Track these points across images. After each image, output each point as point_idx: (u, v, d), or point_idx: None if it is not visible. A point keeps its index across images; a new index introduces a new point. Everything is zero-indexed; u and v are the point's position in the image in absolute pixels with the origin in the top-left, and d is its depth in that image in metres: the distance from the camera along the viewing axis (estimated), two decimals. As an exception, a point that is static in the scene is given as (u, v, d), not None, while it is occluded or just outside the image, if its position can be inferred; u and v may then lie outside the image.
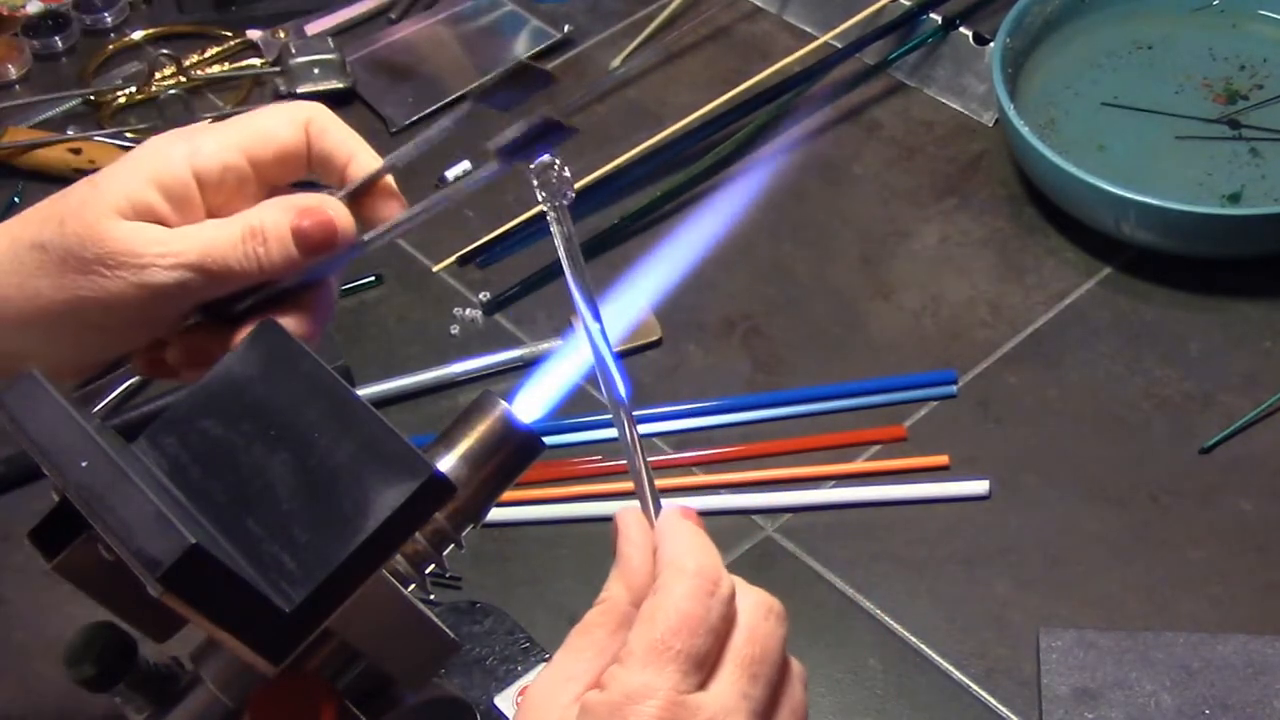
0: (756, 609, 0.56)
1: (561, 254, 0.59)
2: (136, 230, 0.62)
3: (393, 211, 0.66)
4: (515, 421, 0.61)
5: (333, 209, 0.64)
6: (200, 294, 0.63)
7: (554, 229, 0.59)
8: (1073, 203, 1.04)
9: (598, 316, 0.59)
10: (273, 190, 0.65)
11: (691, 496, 0.93)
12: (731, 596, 0.55)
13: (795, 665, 0.58)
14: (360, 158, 0.65)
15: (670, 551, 0.56)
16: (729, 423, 0.97)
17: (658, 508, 0.58)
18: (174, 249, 0.62)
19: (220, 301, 0.65)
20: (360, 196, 0.66)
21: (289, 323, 0.64)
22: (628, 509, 0.58)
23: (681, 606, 0.53)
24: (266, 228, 0.63)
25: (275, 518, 0.56)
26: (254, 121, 0.65)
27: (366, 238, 0.65)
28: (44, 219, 0.64)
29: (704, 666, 0.54)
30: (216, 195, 0.64)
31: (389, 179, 0.66)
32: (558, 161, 0.59)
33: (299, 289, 0.65)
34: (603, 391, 0.59)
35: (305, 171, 0.65)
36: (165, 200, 0.63)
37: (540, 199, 0.59)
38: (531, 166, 0.59)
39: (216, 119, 0.69)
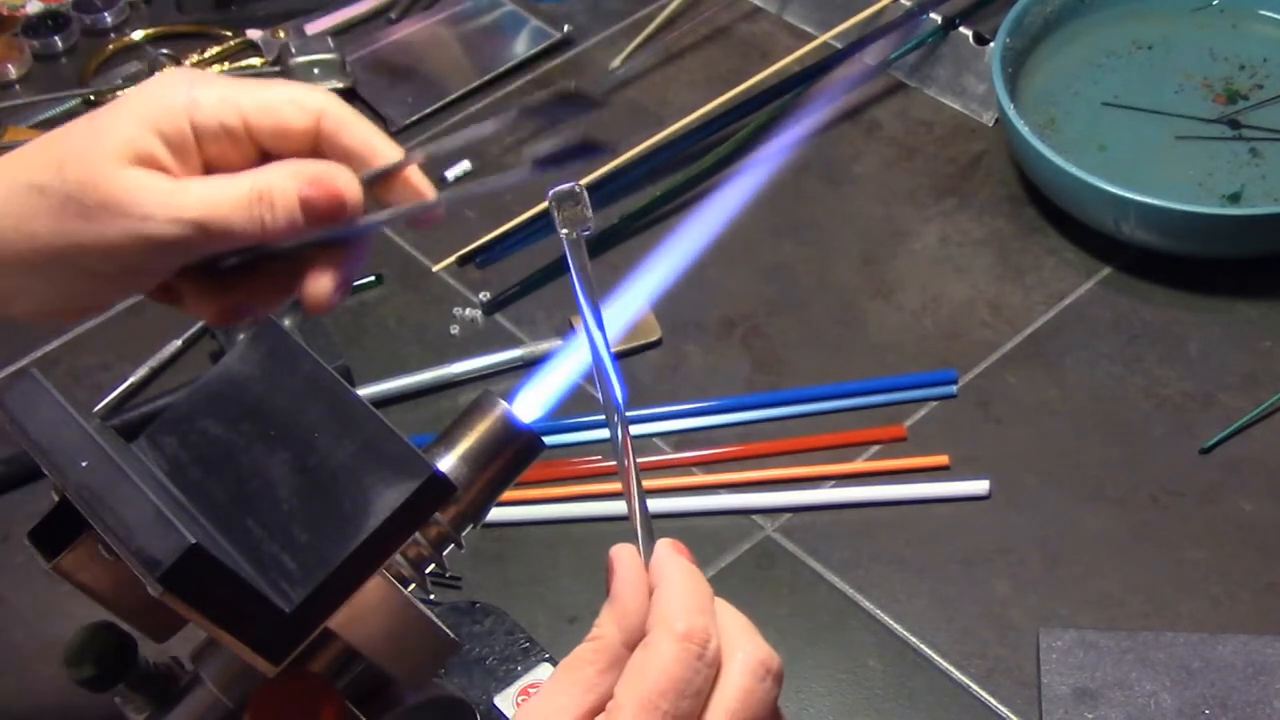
0: (754, 671, 0.55)
1: (575, 284, 0.59)
2: (140, 180, 0.61)
3: (414, 200, 0.65)
4: (515, 421, 0.61)
5: (343, 181, 0.63)
6: (199, 249, 0.62)
7: (570, 258, 0.59)
8: (1073, 203, 1.04)
9: (613, 360, 0.59)
10: (272, 155, 0.64)
11: (691, 496, 0.93)
12: (717, 656, 0.55)
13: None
14: (382, 151, 0.64)
15: (662, 605, 0.55)
16: (729, 423, 0.97)
17: (651, 541, 0.58)
18: (177, 203, 0.61)
19: (221, 255, 0.64)
20: (380, 181, 0.65)
21: (312, 283, 0.64)
22: (622, 546, 0.58)
23: (670, 670, 0.53)
24: (274, 193, 0.62)
25: (275, 518, 0.56)
26: (262, 93, 0.64)
27: (372, 218, 0.64)
28: (43, 161, 0.62)
29: None
30: (212, 148, 0.63)
31: (415, 169, 0.65)
32: (583, 191, 0.59)
33: (322, 247, 0.64)
34: (611, 442, 0.59)
35: (307, 152, 0.64)
36: (166, 149, 0.62)
37: (560, 228, 0.59)
38: (552, 195, 0.59)
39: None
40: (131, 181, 0.61)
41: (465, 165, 1.13)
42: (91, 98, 1.21)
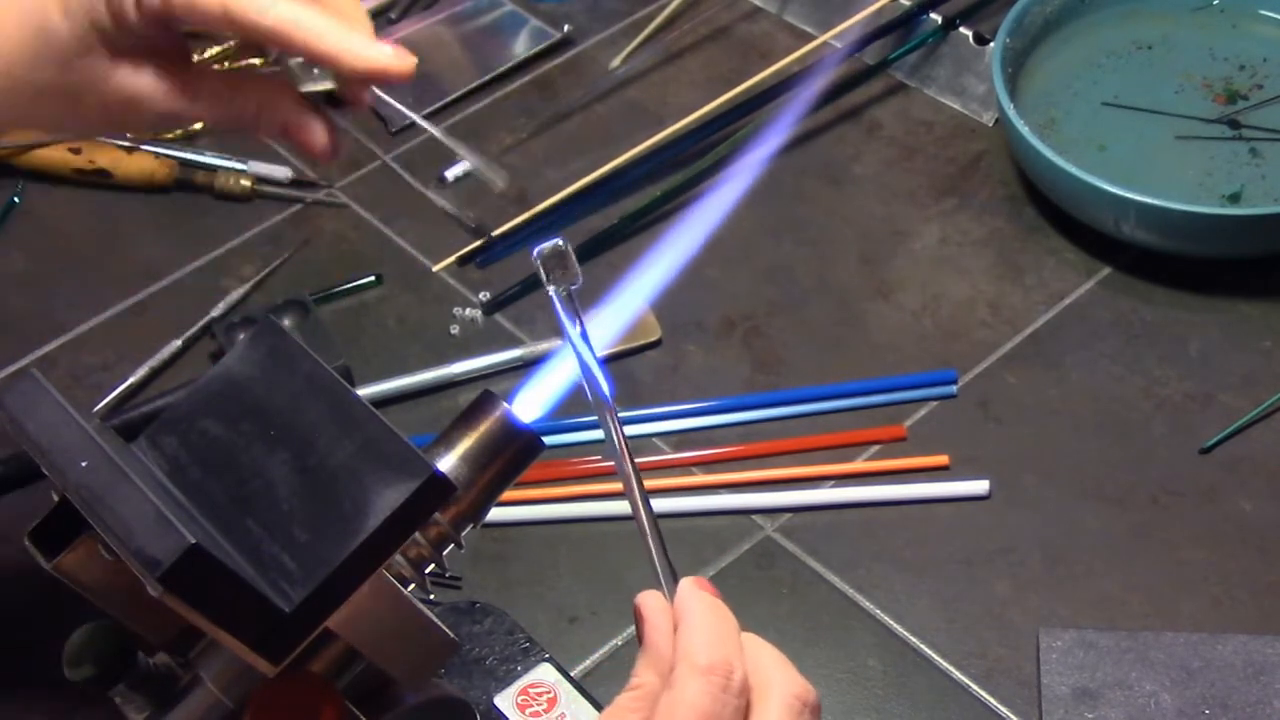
0: (790, 705, 0.55)
1: (567, 338, 0.59)
2: None
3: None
4: (515, 421, 0.61)
5: None
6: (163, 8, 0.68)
7: (560, 313, 0.59)
8: (1073, 203, 1.04)
9: (610, 404, 0.59)
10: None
11: (691, 496, 0.93)
12: (744, 687, 0.55)
13: None
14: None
15: (684, 642, 0.55)
16: (728, 423, 0.97)
17: (674, 578, 0.58)
18: None
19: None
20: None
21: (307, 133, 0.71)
22: (649, 594, 0.58)
23: (698, 705, 0.53)
24: None
25: (275, 518, 0.56)
26: None
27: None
28: None
29: None
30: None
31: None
32: (569, 248, 0.60)
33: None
34: (623, 486, 0.59)
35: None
36: None
37: (547, 285, 0.59)
38: (537, 252, 0.60)
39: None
40: None
41: (465, 165, 1.13)
42: (91, 98, 1.21)
